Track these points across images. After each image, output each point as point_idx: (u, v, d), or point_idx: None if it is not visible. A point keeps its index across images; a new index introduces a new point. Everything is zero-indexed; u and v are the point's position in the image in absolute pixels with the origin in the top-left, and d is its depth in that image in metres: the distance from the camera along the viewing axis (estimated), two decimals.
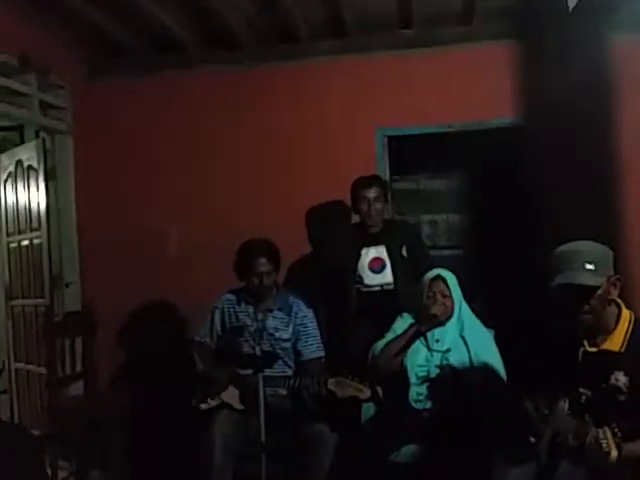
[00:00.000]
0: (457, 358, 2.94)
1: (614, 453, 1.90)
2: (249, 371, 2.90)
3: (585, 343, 2.22)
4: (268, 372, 2.90)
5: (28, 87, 3.73)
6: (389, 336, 3.08)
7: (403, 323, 3.10)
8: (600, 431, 1.94)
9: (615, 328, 2.17)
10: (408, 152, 4.32)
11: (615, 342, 2.16)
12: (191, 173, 4.18)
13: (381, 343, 3.07)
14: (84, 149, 4.17)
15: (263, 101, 4.10)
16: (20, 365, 4.35)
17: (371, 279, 3.52)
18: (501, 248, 4.36)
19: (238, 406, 2.98)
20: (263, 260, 3.09)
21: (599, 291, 2.13)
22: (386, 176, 4.10)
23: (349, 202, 3.54)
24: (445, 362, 2.94)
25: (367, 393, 2.78)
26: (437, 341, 2.99)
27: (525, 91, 3.81)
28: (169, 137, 4.19)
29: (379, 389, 3.10)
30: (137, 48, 4.13)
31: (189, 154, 4.18)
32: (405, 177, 5.32)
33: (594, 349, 2.19)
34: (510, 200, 4.09)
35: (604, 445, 1.90)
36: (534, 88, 3.80)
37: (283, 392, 3.06)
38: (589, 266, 2.13)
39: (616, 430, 1.93)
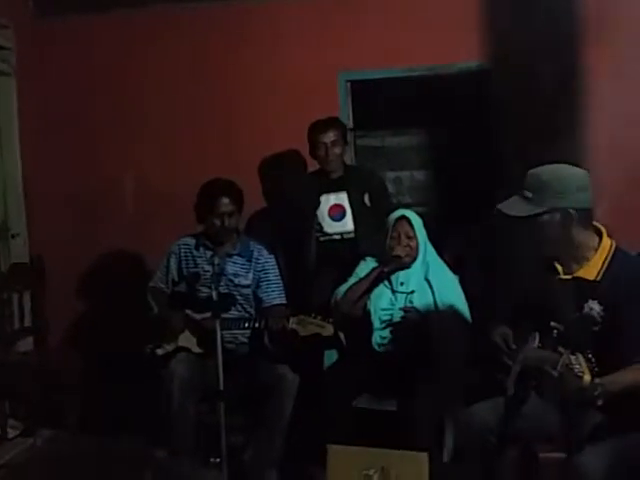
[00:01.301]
0: (421, 300, 2.89)
1: (587, 377, 1.82)
2: (207, 315, 2.78)
3: (560, 270, 2.13)
4: (226, 315, 2.80)
5: None
6: (352, 280, 3.00)
7: (366, 267, 3.03)
8: (572, 357, 1.86)
9: (593, 256, 2.08)
10: (372, 103, 4.19)
11: (591, 270, 2.07)
12: (145, 118, 3.95)
13: (344, 287, 3.00)
14: (30, 92, 3.92)
15: (217, 42, 3.89)
16: None
17: (331, 227, 3.41)
18: (467, 204, 4.28)
19: (196, 349, 2.89)
20: (226, 200, 2.96)
21: (540, 220, 2.03)
22: (350, 124, 3.96)
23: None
24: (409, 304, 2.87)
25: (330, 330, 2.71)
26: (401, 284, 2.94)
27: (493, 32, 3.69)
28: (121, 79, 3.96)
29: (342, 335, 3.03)
30: None
31: (142, 97, 3.95)
32: (369, 133, 5.19)
33: (568, 277, 2.11)
34: (476, 153, 4.00)
35: (577, 370, 1.83)
36: (502, 28, 3.68)
37: (243, 339, 2.97)
38: (527, 194, 2.06)
39: (589, 356, 1.86)
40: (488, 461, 2.21)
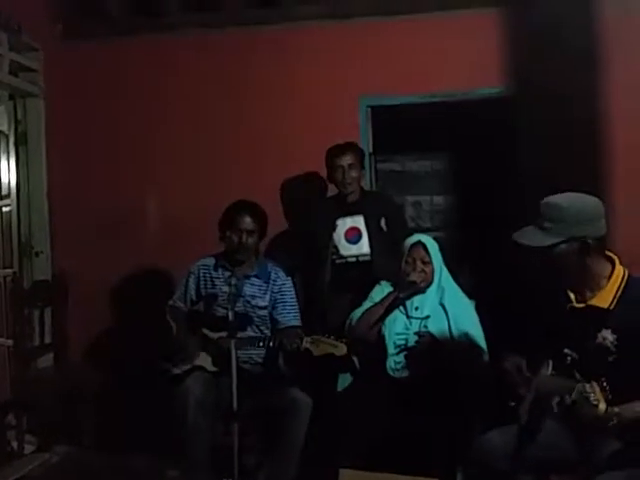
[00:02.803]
0: (436, 326, 2.88)
1: (602, 406, 1.81)
2: (223, 334, 2.80)
3: (573, 299, 2.12)
4: (241, 334, 2.83)
5: None
6: (367, 304, 3.01)
7: (381, 291, 3.03)
8: (587, 385, 1.85)
9: (606, 285, 2.07)
10: (392, 128, 4.22)
11: (605, 299, 2.06)
12: (168, 140, 4.01)
13: (358, 311, 3.00)
14: (57, 114, 4.01)
15: (241, 67, 3.96)
16: None
17: (347, 250, 3.41)
18: (486, 230, 4.27)
19: (211, 368, 2.91)
20: (247, 219, 3.01)
21: (557, 250, 2.03)
22: (369, 149, 3.99)
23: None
24: (424, 329, 2.87)
25: (343, 349, 2.71)
26: (416, 309, 2.93)
27: (513, 60, 3.71)
28: (146, 102, 4.04)
29: (356, 359, 3.03)
30: (115, 10, 4.01)
31: (167, 120, 4.02)
32: (389, 158, 5.22)
33: (581, 305, 2.10)
34: (496, 179, 4.00)
35: (592, 398, 1.82)
36: (522, 56, 3.71)
37: (257, 359, 2.99)
38: (547, 224, 2.04)
39: (604, 384, 1.84)
40: None
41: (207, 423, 2.78)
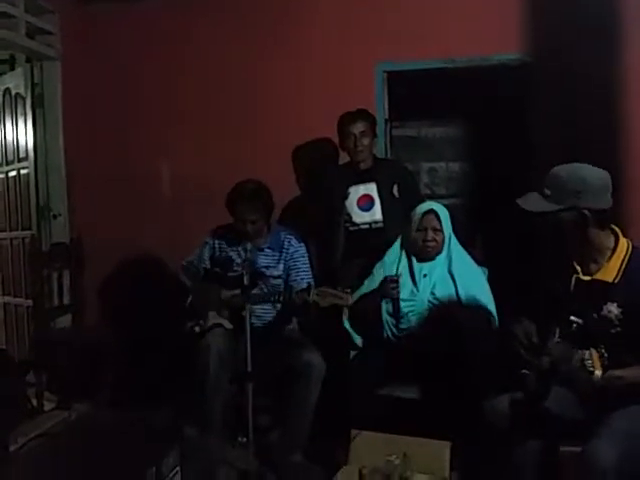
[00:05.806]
0: (443, 293, 2.89)
1: (598, 372, 1.89)
2: (237, 291, 2.84)
3: (579, 270, 2.14)
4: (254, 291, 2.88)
5: (14, 8, 3.59)
6: (363, 290, 3.02)
7: (395, 252, 3.04)
8: (587, 352, 1.92)
9: (611, 258, 2.08)
10: (408, 93, 4.19)
11: (609, 272, 2.08)
12: (185, 104, 4.03)
13: (357, 294, 2.99)
14: (74, 77, 4.02)
15: (257, 31, 3.94)
16: (8, 299, 4.30)
17: (360, 217, 3.42)
18: (500, 197, 4.25)
19: (228, 326, 2.96)
20: (248, 207, 2.98)
21: (556, 218, 2.05)
22: (385, 114, 3.97)
23: None
24: (431, 296, 2.88)
25: (348, 300, 2.74)
26: (424, 276, 2.94)
27: (534, 25, 3.66)
28: (163, 66, 4.04)
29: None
30: None
31: (183, 84, 4.02)
32: (405, 124, 5.19)
33: (587, 278, 2.12)
34: (513, 147, 3.98)
35: (588, 365, 1.89)
36: (542, 23, 3.65)
37: (269, 318, 3.05)
38: (546, 191, 2.07)
39: (602, 351, 1.89)
40: (508, 453, 2.23)
41: (226, 379, 2.85)
